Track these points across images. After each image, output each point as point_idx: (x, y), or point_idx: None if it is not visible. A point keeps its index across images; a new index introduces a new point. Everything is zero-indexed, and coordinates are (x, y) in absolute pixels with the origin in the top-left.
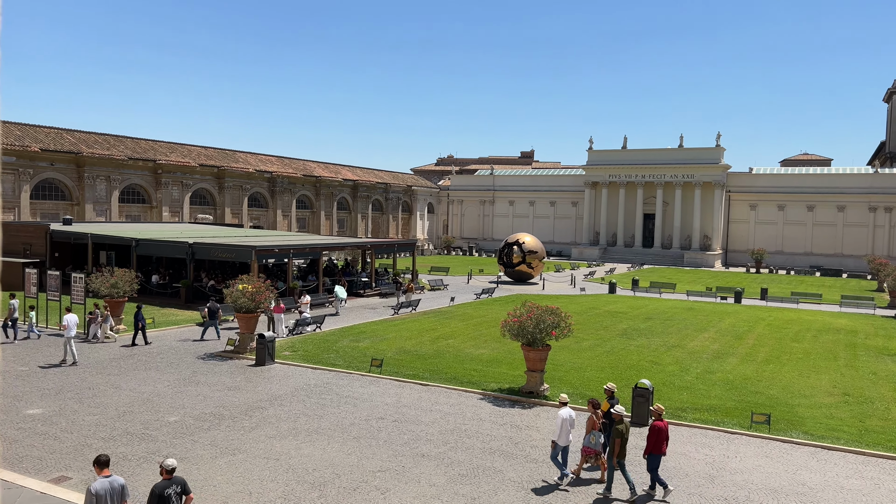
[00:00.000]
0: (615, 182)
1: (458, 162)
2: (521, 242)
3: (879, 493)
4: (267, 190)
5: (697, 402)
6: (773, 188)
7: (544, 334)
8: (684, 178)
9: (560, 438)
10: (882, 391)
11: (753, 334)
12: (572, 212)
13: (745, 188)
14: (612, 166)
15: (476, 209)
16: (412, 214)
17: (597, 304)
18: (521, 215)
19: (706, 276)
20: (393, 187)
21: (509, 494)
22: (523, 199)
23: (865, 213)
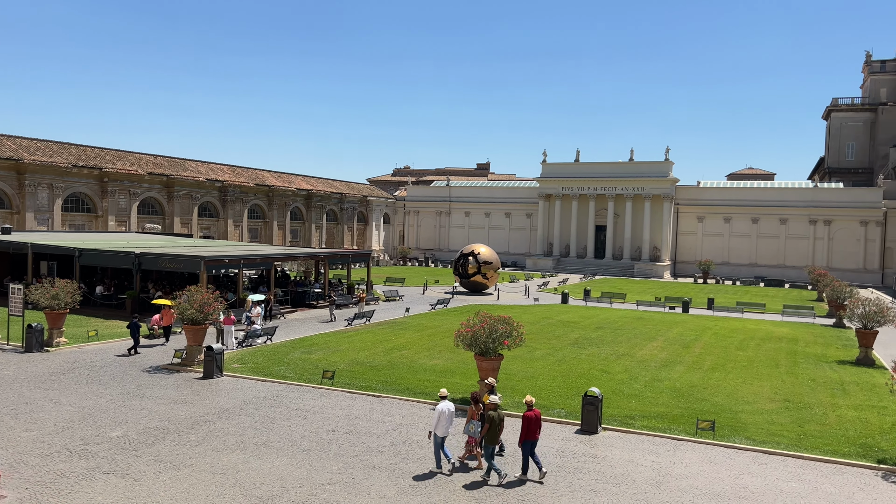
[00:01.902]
0: (568, 194)
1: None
2: (477, 253)
3: (817, 496)
4: (218, 199)
5: (645, 410)
6: (720, 201)
7: (497, 344)
8: (634, 191)
9: (438, 429)
10: (820, 397)
11: (700, 343)
12: (527, 223)
13: (693, 201)
14: (566, 179)
15: (432, 220)
16: (368, 225)
17: (549, 313)
18: (476, 226)
19: (655, 286)
20: (348, 197)
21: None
22: (479, 210)
23: (806, 225)
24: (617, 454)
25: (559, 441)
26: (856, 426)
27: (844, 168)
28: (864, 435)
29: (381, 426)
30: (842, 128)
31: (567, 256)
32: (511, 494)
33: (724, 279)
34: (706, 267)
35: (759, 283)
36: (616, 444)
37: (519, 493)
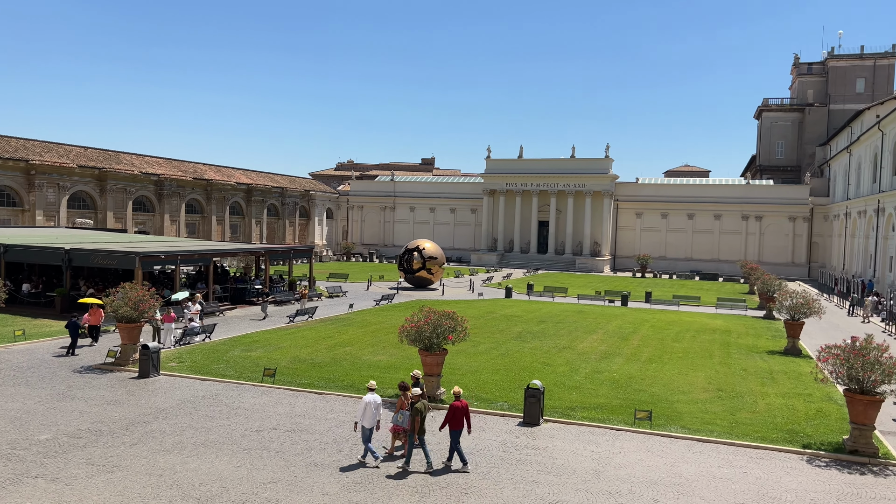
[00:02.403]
0: (512, 190)
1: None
2: (422, 248)
3: (747, 481)
4: (154, 193)
5: (586, 401)
6: (657, 197)
7: (442, 339)
8: (576, 188)
9: (364, 420)
10: (751, 386)
11: (638, 335)
12: (472, 218)
13: (632, 197)
14: (509, 175)
15: (376, 215)
16: (310, 220)
17: (493, 308)
18: (421, 221)
19: (596, 280)
20: (290, 192)
21: (403, 499)
22: (424, 205)
23: (739, 221)
24: (558, 445)
25: (502, 434)
26: (783, 413)
27: (774, 166)
28: (790, 421)
29: (324, 423)
30: (772, 127)
31: (511, 251)
32: (454, 489)
33: (661, 273)
34: (644, 261)
35: (695, 277)
36: (557, 435)
37: (462, 486)
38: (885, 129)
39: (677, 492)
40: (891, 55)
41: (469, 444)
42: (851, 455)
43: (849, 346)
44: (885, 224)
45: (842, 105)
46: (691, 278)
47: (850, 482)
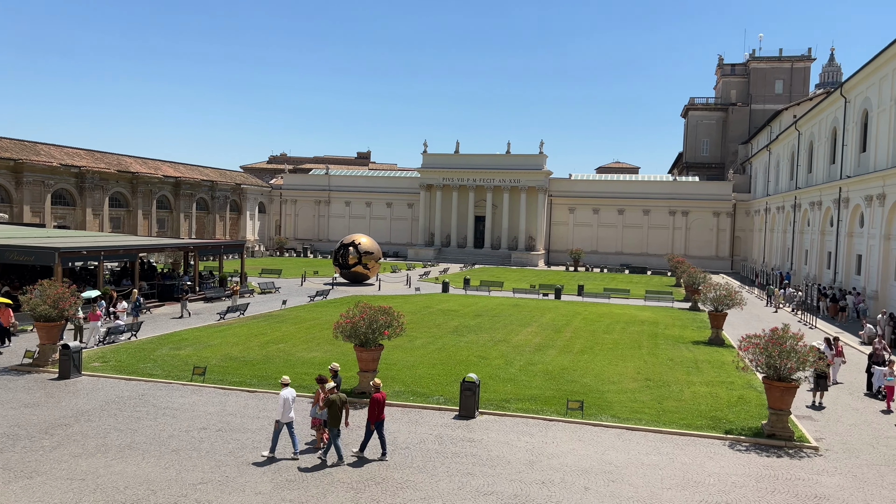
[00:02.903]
0: (449, 185)
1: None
2: (358, 243)
3: (673, 467)
4: (75, 186)
5: (520, 393)
6: (589, 193)
7: (377, 334)
8: (511, 183)
9: (282, 416)
10: (678, 375)
11: (571, 327)
12: (408, 213)
13: (565, 193)
14: (446, 170)
15: (311, 209)
16: (241, 214)
17: (430, 303)
18: (357, 216)
19: (531, 274)
20: (220, 185)
21: (338, 495)
22: (360, 199)
23: (666, 216)
24: (493, 437)
25: (438, 427)
26: (707, 401)
27: (700, 163)
28: (714, 409)
29: (257, 422)
30: (698, 125)
31: (448, 246)
32: (389, 484)
33: (593, 267)
34: (577, 255)
35: (625, 271)
36: (492, 427)
37: (398, 481)
38: (802, 128)
39: (607, 479)
40: (807, 58)
41: (405, 439)
42: (769, 439)
43: (767, 336)
44: (801, 219)
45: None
46: (621, 272)
47: (767, 465)
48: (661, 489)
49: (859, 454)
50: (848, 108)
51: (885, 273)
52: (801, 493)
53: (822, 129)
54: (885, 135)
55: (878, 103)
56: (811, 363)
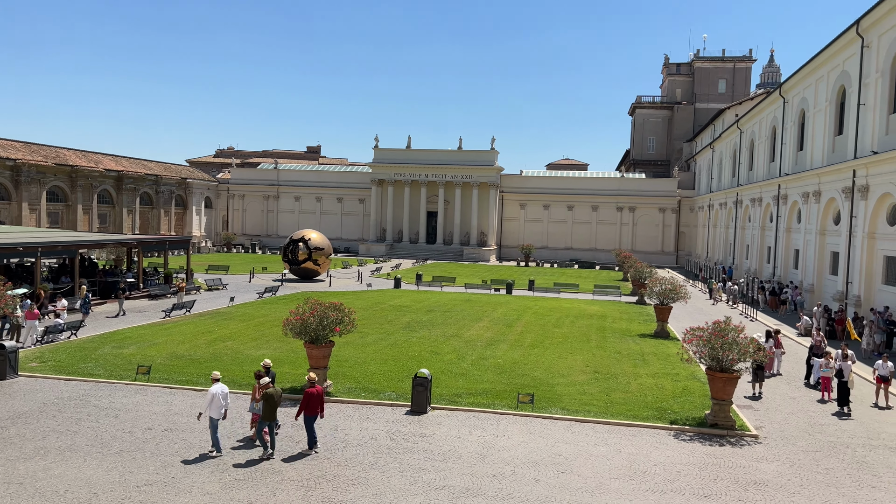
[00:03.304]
0: (400, 180)
1: (240, 154)
2: (308, 239)
3: (621, 457)
4: (10, 180)
5: (472, 387)
6: (540, 189)
7: (328, 331)
8: (463, 179)
9: (211, 412)
10: (625, 367)
11: (522, 322)
12: (360, 208)
13: (516, 189)
14: (398, 165)
15: (259, 204)
16: (187, 209)
17: (382, 298)
18: (307, 211)
19: (483, 269)
20: (165, 179)
21: (288, 494)
22: (310, 194)
23: (614, 212)
24: (445, 432)
25: (390, 423)
26: (653, 392)
27: (647, 160)
28: (659, 399)
29: (204, 421)
30: (644, 123)
31: (400, 242)
32: (340, 481)
33: (543, 262)
34: (528, 251)
35: (574, 265)
36: (444, 422)
37: (349, 478)
38: (743, 127)
39: (557, 471)
40: (748, 59)
41: (357, 435)
42: (712, 428)
43: (710, 329)
44: (743, 215)
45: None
46: (571, 266)
47: (710, 453)
48: (608, 479)
49: (796, 441)
50: (786, 108)
51: (821, 267)
52: (742, 479)
53: (763, 128)
54: (821, 134)
55: (815, 104)
56: (751, 354)
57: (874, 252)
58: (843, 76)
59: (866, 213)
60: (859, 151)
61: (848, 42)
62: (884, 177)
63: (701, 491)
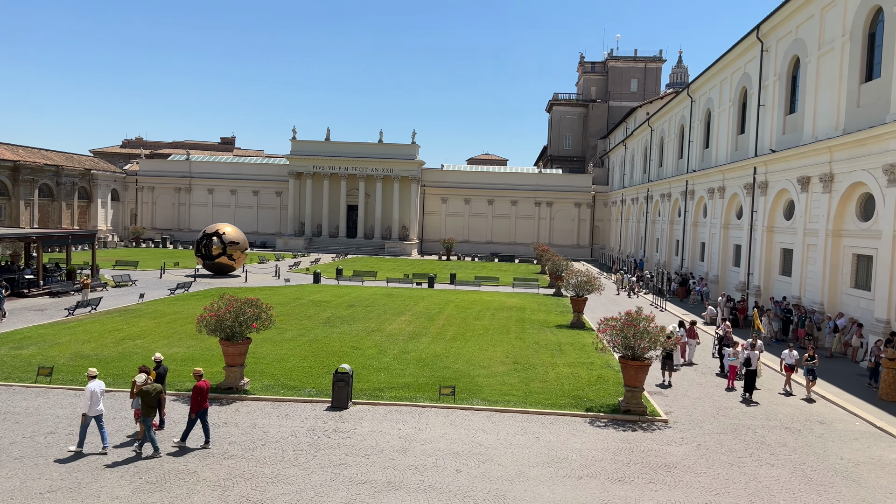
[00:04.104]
0: (319, 173)
1: (149, 145)
2: (222, 233)
3: (539, 445)
4: None
5: (394, 381)
6: (461, 184)
7: (245, 327)
8: (384, 172)
9: (89, 410)
10: (543, 358)
11: (443, 315)
12: (277, 202)
13: (438, 183)
14: (316, 157)
15: (170, 197)
16: (92, 202)
17: (301, 294)
18: (221, 204)
19: (404, 263)
20: (67, 170)
21: (205, 495)
22: (224, 187)
23: (532, 206)
24: (366, 426)
25: (310, 420)
26: (570, 381)
27: (563, 156)
28: (576, 388)
29: (113, 423)
30: (561, 120)
31: (319, 236)
32: (260, 479)
33: (464, 256)
34: (449, 245)
35: (494, 259)
36: (366, 416)
37: (269, 476)
38: (654, 125)
39: (478, 460)
40: (658, 59)
41: (276, 433)
42: (625, 414)
43: (623, 318)
44: (653, 210)
45: (619, 102)
46: (491, 260)
47: (624, 438)
48: (528, 467)
49: (702, 424)
50: (694, 108)
51: (725, 259)
52: (653, 462)
53: (672, 126)
54: (725, 133)
55: (719, 104)
56: (661, 343)
57: (772, 245)
58: (744, 78)
59: (765, 209)
60: (759, 150)
61: (749, 46)
62: (781, 174)
63: (615, 475)
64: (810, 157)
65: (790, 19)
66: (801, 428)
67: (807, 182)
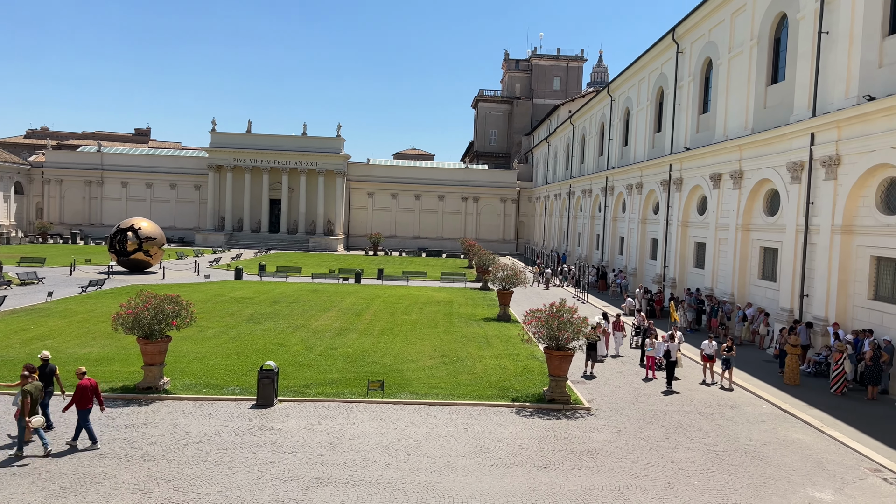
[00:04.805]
0: (240, 166)
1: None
2: (137, 228)
3: (467, 436)
4: None
5: (321, 378)
6: (388, 178)
7: (164, 325)
8: (308, 166)
9: None
10: (470, 350)
11: (371, 311)
12: (196, 196)
13: (364, 177)
14: (237, 150)
15: (80, 191)
16: None
17: (222, 290)
18: (136, 198)
19: (330, 259)
20: None
21: (124, 498)
22: (139, 180)
23: (459, 202)
24: (293, 423)
25: (234, 418)
26: (497, 372)
27: (489, 152)
28: (503, 379)
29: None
30: (486, 116)
31: (241, 231)
32: (182, 480)
33: (392, 251)
34: (376, 240)
35: (422, 254)
36: (292, 413)
37: (192, 476)
38: (576, 123)
39: (407, 453)
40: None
41: (198, 433)
42: (550, 403)
43: (548, 310)
44: (575, 205)
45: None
46: (419, 255)
47: (549, 426)
48: (456, 458)
49: (623, 411)
50: (613, 107)
51: (642, 253)
52: (577, 449)
53: (593, 124)
54: (643, 131)
55: (638, 103)
56: (584, 333)
57: (687, 239)
58: (661, 78)
59: (680, 204)
60: (675, 148)
61: (665, 48)
62: (695, 171)
63: (541, 462)
64: (722, 156)
65: (703, 23)
66: (713, 412)
67: (718, 179)
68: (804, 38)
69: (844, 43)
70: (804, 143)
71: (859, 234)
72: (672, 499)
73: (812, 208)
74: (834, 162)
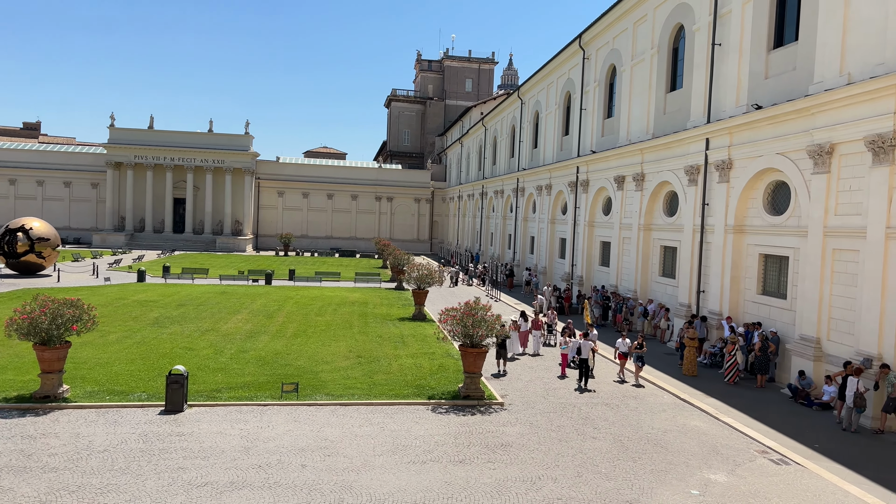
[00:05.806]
0: (142, 164)
1: None
2: (29, 228)
3: (384, 435)
4: None
5: (232, 381)
6: (299, 177)
7: (63, 330)
8: (215, 164)
9: None
10: (386, 350)
11: (283, 312)
12: (93, 194)
13: (274, 176)
14: (138, 146)
15: None
16: None
17: (124, 293)
18: (26, 196)
19: (238, 260)
20: None
21: None
22: (29, 177)
23: (373, 201)
24: (205, 428)
25: (141, 425)
26: (413, 371)
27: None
28: (418, 378)
29: None
30: (399, 116)
31: (143, 231)
32: (87, 490)
33: (303, 251)
34: (287, 240)
35: (335, 254)
36: (203, 418)
37: (97, 486)
38: (488, 125)
39: (323, 454)
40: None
41: (102, 441)
42: (465, 400)
43: (462, 308)
44: (488, 206)
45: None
46: (332, 255)
47: (464, 422)
48: (373, 456)
49: (534, 405)
50: (524, 110)
51: (552, 252)
52: (491, 443)
53: (504, 126)
54: (552, 134)
55: (546, 107)
56: (497, 331)
57: (593, 238)
58: (569, 83)
59: (587, 205)
60: (581, 151)
61: (572, 53)
62: (600, 173)
63: (456, 457)
64: (625, 159)
65: (608, 31)
66: (619, 403)
67: (622, 181)
68: (700, 49)
69: (735, 54)
70: (700, 147)
71: (749, 234)
72: (581, 487)
73: (707, 209)
74: (727, 166)
